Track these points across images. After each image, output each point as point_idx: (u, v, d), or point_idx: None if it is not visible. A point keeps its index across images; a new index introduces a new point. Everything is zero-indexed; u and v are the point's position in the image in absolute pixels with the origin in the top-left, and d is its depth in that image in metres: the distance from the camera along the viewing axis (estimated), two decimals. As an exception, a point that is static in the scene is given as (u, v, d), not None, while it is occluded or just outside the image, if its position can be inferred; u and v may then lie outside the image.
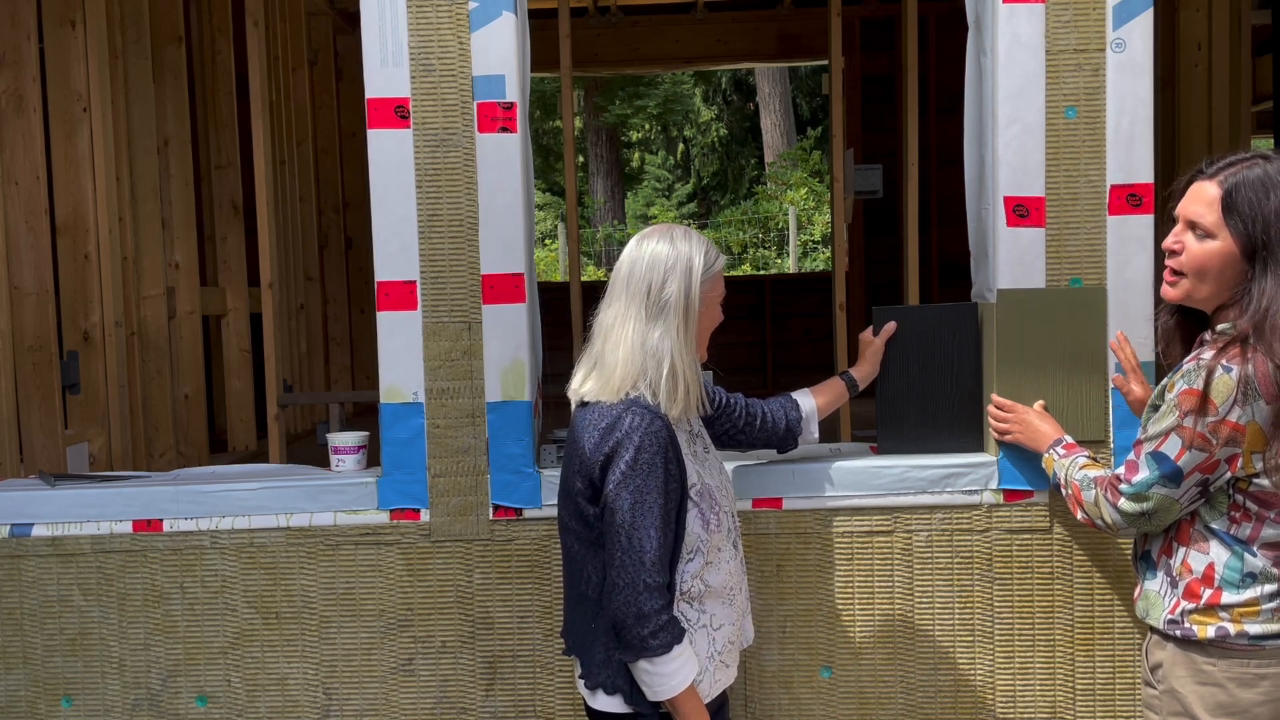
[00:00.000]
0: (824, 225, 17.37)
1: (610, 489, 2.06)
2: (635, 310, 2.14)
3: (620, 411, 2.09)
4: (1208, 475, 2.01)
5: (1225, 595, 2.02)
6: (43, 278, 4.38)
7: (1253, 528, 2.02)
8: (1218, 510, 2.05)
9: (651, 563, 2.04)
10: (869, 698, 2.66)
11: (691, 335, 2.16)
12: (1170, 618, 2.07)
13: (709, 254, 2.19)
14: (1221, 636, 2.02)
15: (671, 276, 2.14)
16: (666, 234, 2.21)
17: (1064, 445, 2.39)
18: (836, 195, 5.83)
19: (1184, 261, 2.07)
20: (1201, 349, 2.05)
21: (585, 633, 2.17)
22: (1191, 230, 2.07)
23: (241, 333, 6.18)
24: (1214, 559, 2.04)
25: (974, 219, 2.71)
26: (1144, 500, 2.07)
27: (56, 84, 4.53)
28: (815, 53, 8.71)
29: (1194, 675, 2.04)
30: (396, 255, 2.62)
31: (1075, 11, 2.54)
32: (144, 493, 2.69)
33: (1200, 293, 2.07)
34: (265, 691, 2.70)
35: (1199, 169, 2.10)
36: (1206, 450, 1.99)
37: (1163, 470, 2.03)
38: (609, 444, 2.07)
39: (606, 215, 20.72)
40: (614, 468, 2.06)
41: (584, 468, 2.11)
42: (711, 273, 2.19)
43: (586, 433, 2.11)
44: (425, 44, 2.59)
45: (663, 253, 2.16)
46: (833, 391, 2.68)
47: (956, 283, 7.91)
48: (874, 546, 2.64)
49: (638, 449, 2.05)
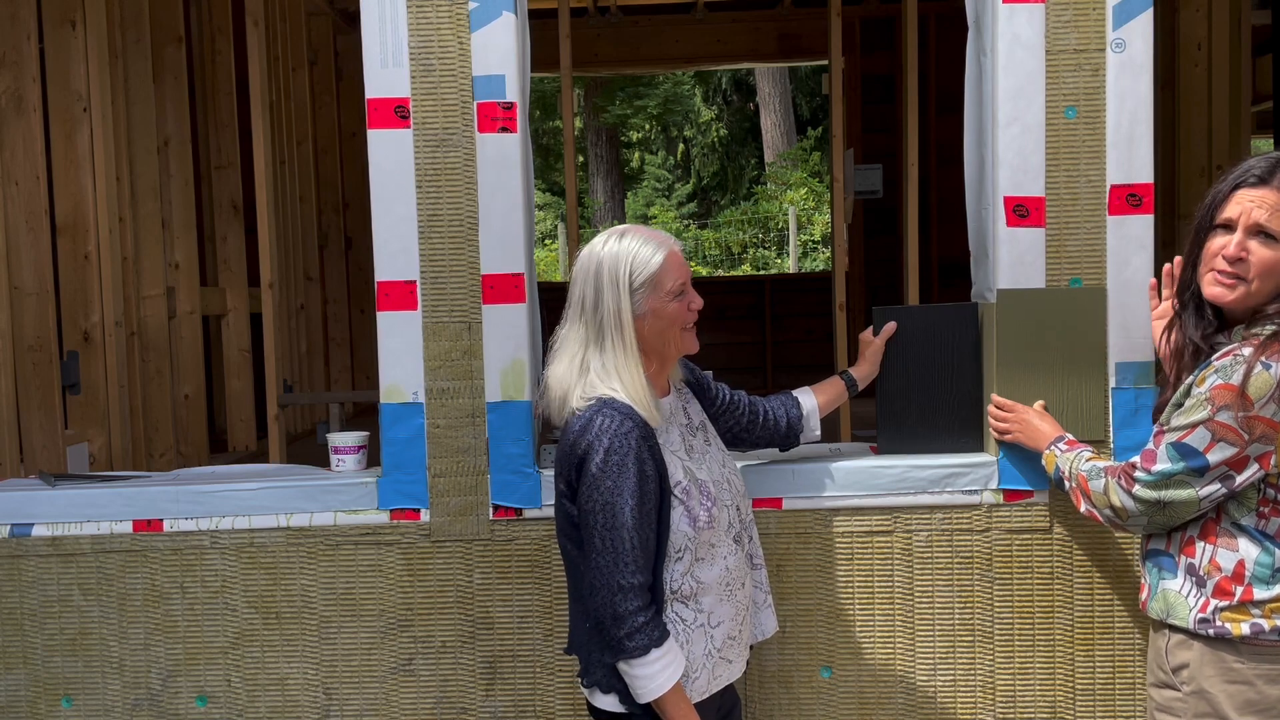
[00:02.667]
0: (824, 225, 17.37)
1: (583, 491, 2.06)
2: (576, 329, 2.16)
3: (592, 414, 2.08)
4: (1234, 471, 2.01)
5: (1257, 591, 2.03)
6: (43, 278, 4.38)
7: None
8: (1246, 506, 2.05)
9: (626, 564, 2.02)
10: (869, 698, 2.66)
11: (630, 348, 2.11)
12: (1201, 616, 2.07)
13: (641, 255, 2.12)
14: (1256, 633, 2.03)
15: (601, 293, 2.12)
16: (605, 239, 2.18)
17: (1066, 441, 2.40)
18: (836, 195, 5.83)
19: (1253, 266, 2.07)
20: (1236, 346, 2.05)
21: (580, 631, 2.18)
22: (1259, 236, 2.07)
23: (241, 333, 6.17)
24: (1244, 555, 2.05)
25: (974, 219, 2.71)
26: (1162, 488, 2.06)
27: (56, 84, 4.52)
28: (815, 53, 8.71)
29: (1223, 674, 2.04)
30: (396, 255, 2.62)
31: (1075, 11, 2.54)
32: (144, 493, 2.69)
33: (1259, 296, 2.08)
34: (265, 691, 2.70)
35: (1242, 178, 2.10)
36: (1238, 445, 2.00)
37: (1189, 463, 2.03)
38: (582, 446, 2.07)
39: (606, 215, 20.72)
40: (586, 470, 2.05)
41: (563, 470, 2.12)
42: (648, 274, 2.13)
43: (566, 435, 2.13)
44: (425, 44, 2.59)
45: (593, 265, 2.14)
46: (832, 390, 2.68)
47: (956, 283, 7.92)
48: (874, 546, 2.64)
49: (607, 450, 2.04)
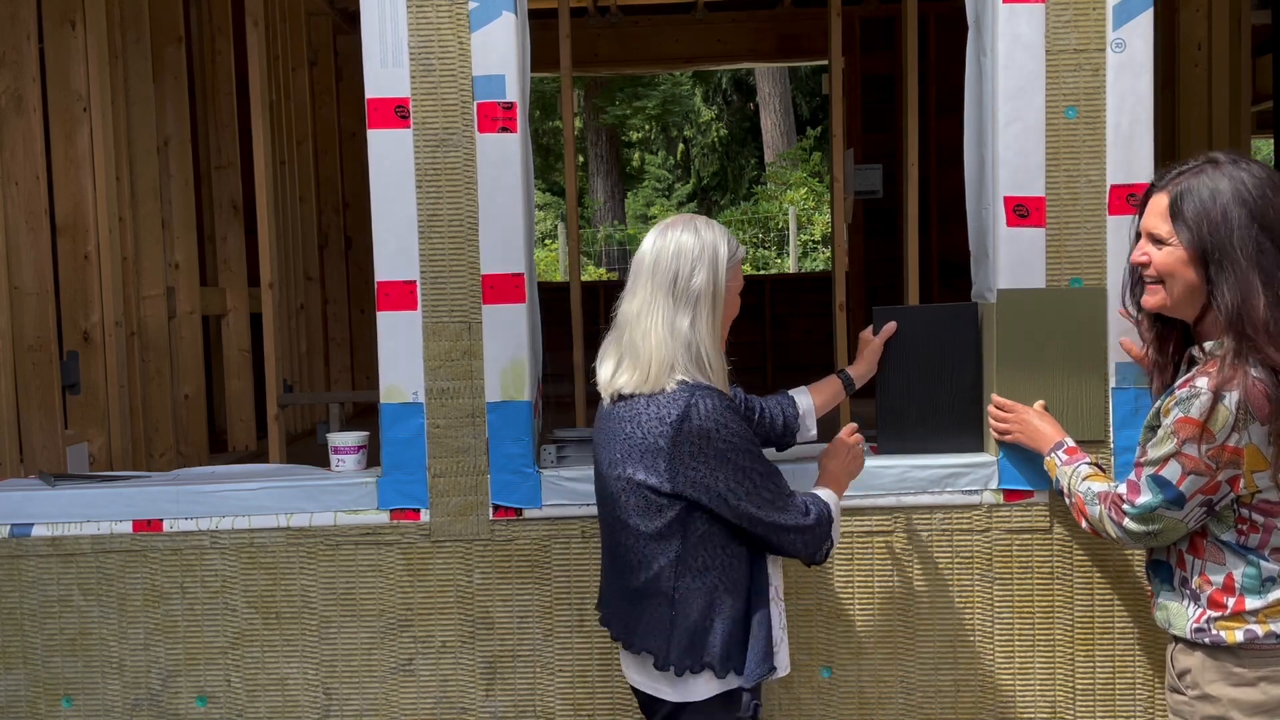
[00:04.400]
0: (824, 225, 17.37)
1: (705, 473, 2.08)
2: (662, 299, 2.17)
3: (688, 399, 2.10)
4: (1211, 496, 2.03)
5: (1249, 601, 2.04)
6: (43, 278, 4.37)
7: (1261, 537, 2.04)
8: (1226, 524, 2.06)
9: (793, 505, 2.16)
10: (869, 698, 2.66)
11: (719, 323, 2.20)
12: (1196, 626, 2.08)
13: (731, 243, 2.23)
14: (1250, 639, 2.03)
15: (699, 266, 2.17)
16: (690, 224, 2.23)
17: (1066, 449, 2.39)
18: (836, 195, 5.83)
19: (1155, 268, 2.11)
20: (1194, 373, 2.06)
21: (657, 624, 2.15)
22: (1151, 241, 2.11)
23: (241, 333, 6.17)
24: (1231, 570, 2.06)
25: (974, 219, 2.71)
26: (1150, 522, 2.09)
27: (56, 84, 4.52)
28: (815, 53, 8.71)
29: (1226, 678, 2.05)
30: (396, 255, 2.62)
31: (1075, 11, 2.54)
32: (144, 493, 2.69)
33: (1173, 298, 2.09)
34: (265, 691, 2.70)
35: (1153, 183, 2.16)
36: (1207, 475, 2.01)
37: (1166, 495, 2.05)
38: (689, 431, 2.08)
39: (606, 215, 20.72)
40: (706, 453, 2.08)
41: (651, 459, 2.11)
42: (734, 261, 2.23)
43: (647, 425, 2.12)
44: (425, 44, 2.59)
45: (688, 242, 2.19)
46: (829, 390, 2.68)
47: (956, 283, 7.91)
48: (874, 546, 2.64)
49: (724, 426, 2.09)
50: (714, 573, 2.13)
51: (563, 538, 2.66)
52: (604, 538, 2.29)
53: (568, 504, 2.65)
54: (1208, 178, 2.04)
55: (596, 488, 2.31)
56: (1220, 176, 2.03)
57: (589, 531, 2.65)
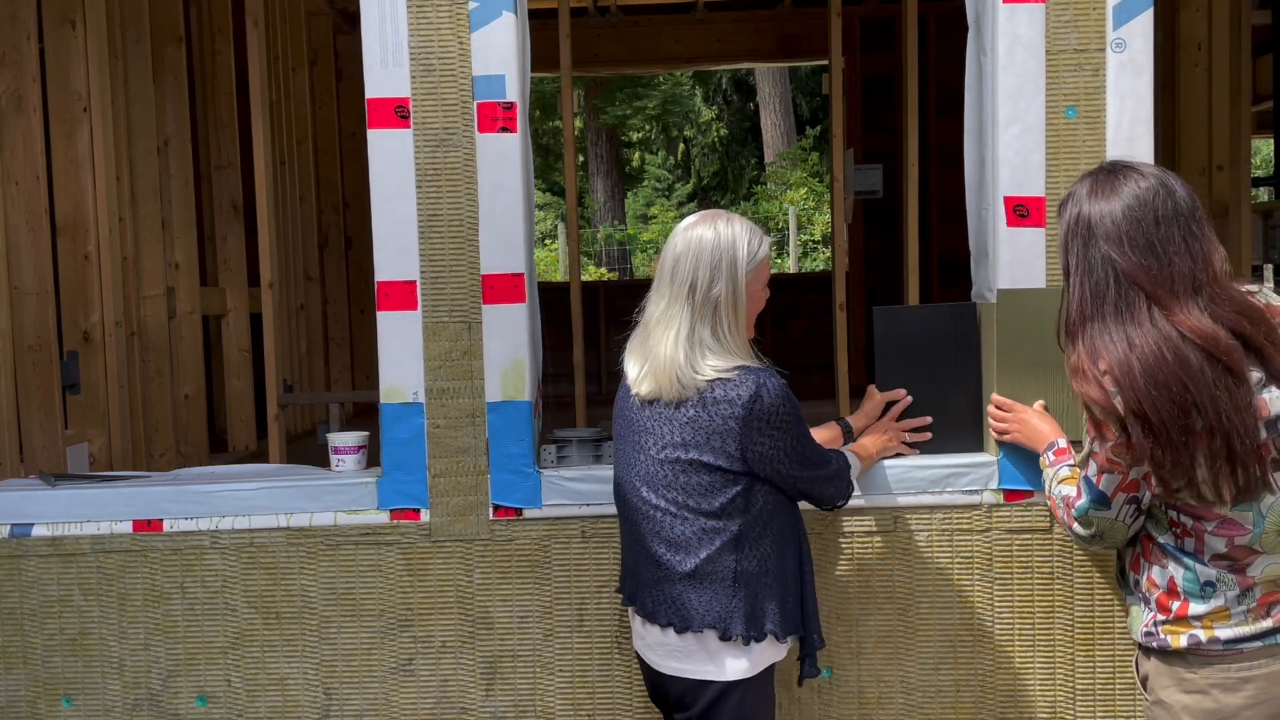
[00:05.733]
0: (824, 225, 17.38)
1: (769, 447, 2.20)
2: (681, 308, 2.22)
3: (756, 380, 2.19)
4: (1135, 494, 2.04)
5: (1193, 606, 2.02)
6: (43, 278, 4.37)
7: (1195, 541, 2.02)
8: (1162, 526, 2.07)
9: (825, 457, 2.33)
10: (869, 698, 2.66)
11: (742, 323, 2.26)
12: (1146, 630, 2.08)
13: (753, 243, 2.26)
14: (1194, 645, 2.01)
15: (718, 276, 2.21)
16: (711, 223, 2.25)
17: (1055, 450, 2.39)
18: (836, 195, 5.83)
19: None
20: None
21: (719, 600, 2.20)
22: None
23: (241, 333, 6.17)
24: (1173, 573, 2.05)
25: (974, 219, 2.71)
26: (1089, 524, 2.12)
27: (56, 84, 4.52)
28: (815, 53, 8.70)
29: (1179, 685, 2.04)
30: (396, 255, 2.62)
31: (1075, 11, 2.54)
32: (144, 493, 2.69)
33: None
34: (265, 691, 2.70)
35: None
36: (1120, 473, 2.03)
37: (1091, 496, 2.08)
38: (760, 410, 2.18)
39: (606, 215, 20.71)
40: (775, 429, 2.20)
41: (720, 440, 2.18)
42: (755, 263, 2.26)
43: (714, 408, 2.18)
44: (425, 44, 2.59)
45: (708, 248, 2.22)
46: (826, 434, 2.65)
47: (956, 283, 7.91)
48: (874, 546, 2.64)
49: (788, 401, 2.22)
50: (768, 540, 2.23)
51: (563, 538, 2.66)
52: (640, 528, 2.27)
53: (568, 504, 2.65)
54: (1068, 191, 2.12)
55: (624, 480, 2.31)
56: (1077, 185, 2.11)
57: (589, 531, 2.65)
